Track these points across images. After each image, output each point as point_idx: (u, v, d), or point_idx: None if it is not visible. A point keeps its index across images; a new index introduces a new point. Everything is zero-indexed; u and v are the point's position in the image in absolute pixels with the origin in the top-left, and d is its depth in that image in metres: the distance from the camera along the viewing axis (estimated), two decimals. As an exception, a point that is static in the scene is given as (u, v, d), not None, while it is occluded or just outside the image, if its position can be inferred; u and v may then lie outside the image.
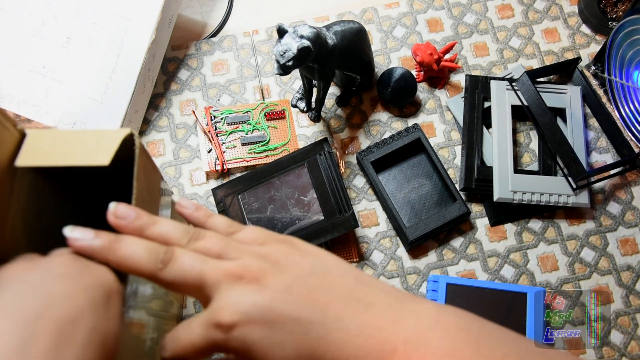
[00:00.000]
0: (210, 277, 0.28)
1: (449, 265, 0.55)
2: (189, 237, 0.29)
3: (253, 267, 0.28)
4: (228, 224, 0.32)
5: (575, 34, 0.64)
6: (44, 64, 0.55)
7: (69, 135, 0.32)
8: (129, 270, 0.28)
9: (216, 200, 0.56)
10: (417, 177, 0.58)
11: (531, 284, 0.54)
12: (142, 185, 0.34)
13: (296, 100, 0.60)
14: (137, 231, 0.29)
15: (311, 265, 0.29)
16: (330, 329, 0.27)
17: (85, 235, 0.28)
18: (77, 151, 0.31)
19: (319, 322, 0.27)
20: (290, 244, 0.30)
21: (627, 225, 0.56)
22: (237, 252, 0.29)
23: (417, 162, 0.58)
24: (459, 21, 0.64)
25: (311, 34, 0.47)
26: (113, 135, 0.32)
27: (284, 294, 0.27)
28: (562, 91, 0.59)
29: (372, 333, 0.27)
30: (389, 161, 0.58)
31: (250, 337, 0.26)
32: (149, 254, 0.28)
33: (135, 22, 0.56)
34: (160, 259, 0.28)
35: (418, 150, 0.58)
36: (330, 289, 0.28)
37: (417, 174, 0.58)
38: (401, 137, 0.57)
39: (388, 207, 0.55)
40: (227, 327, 0.27)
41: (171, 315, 0.49)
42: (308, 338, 0.27)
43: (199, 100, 0.61)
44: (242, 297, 0.27)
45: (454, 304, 0.51)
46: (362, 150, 0.57)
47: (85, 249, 0.28)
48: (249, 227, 0.32)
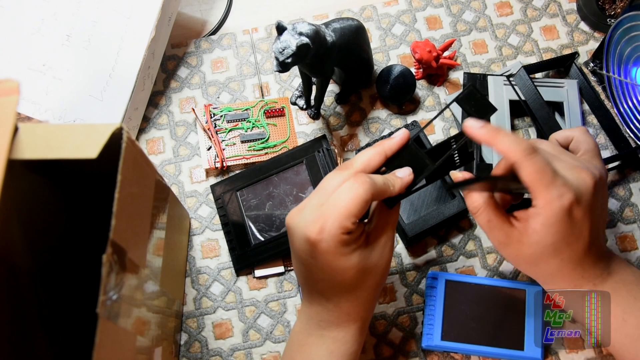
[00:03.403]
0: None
1: (448, 262, 0.55)
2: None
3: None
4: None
5: (574, 31, 0.64)
6: (43, 61, 0.55)
7: (60, 129, 0.32)
8: (501, 152, 0.40)
9: (215, 196, 0.57)
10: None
11: (530, 280, 0.54)
12: (131, 179, 0.34)
13: (295, 98, 0.60)
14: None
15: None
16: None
17: (474, 124, 0.41)
18: (67, 145, 0.32)
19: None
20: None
21: (625, 222, 0.56)
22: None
23: None
24: (457, 19, 0.64)
25: (310, 31, 0.47)
26: (102, 129, 0.32)
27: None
28: (559, 85, 0.59)
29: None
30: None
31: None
32: (517, 143, 0.39)
33: (135, 20, 0.56)
34: (525, 147, 0.39)
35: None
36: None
37: None
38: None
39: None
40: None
41: (172, 312, 0.49)
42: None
43: (198, 98, 0.61)
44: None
45: (453, 301, 0.52)
46: (361, 148, 0.57)
47: (475, 135, 0.40)
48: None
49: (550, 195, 0.38)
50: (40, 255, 0.40)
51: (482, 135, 0.40)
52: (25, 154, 0.31)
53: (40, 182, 0.39)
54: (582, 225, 0.40)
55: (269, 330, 0.53)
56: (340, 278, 0.40)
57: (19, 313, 0.38)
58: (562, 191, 0.39)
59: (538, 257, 0.41)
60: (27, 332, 0.39)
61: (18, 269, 0.38)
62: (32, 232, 0.39)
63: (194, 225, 0.57)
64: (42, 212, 0.41)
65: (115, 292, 0.31)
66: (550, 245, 0.40)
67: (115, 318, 0.32)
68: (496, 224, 0.42)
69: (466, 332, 0.51)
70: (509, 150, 0.39)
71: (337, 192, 0.39)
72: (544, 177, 0.38)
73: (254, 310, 0.54)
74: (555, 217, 0.39)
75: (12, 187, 0.31)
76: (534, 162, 0.38)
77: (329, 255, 0.39)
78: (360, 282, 0.41)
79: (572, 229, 0.40)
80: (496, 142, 0.40)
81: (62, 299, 0.43)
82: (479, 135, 0.40)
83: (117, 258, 0.31)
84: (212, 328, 0.53)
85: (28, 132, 0.32)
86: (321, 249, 0.39)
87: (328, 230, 0.38)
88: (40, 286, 0.40)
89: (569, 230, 0.39)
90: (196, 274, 0.55)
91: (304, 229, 0.39)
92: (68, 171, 0.40)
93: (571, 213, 0.39)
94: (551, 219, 0.39)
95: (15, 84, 0.32)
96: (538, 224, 0.40)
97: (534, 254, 0.41)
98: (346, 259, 0.40)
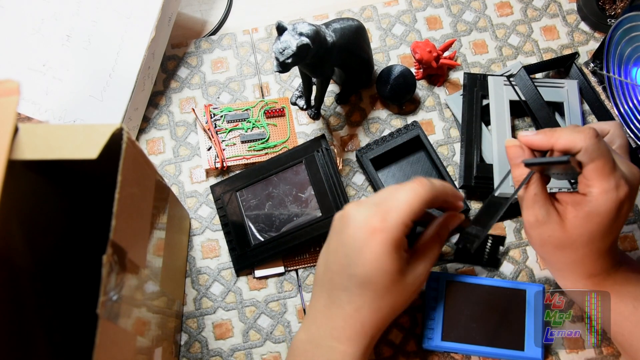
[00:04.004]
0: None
1: (448, 262, 0.55)
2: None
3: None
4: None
5: (574, 32, 0.64)
6: (43, 61, 0.55)
7: (60, 129, 0.32)
8: (564, 147, 0.40)
9: (215, 197, 0.57)
10: (416, 175, 0.58)
11: (530, 280, 0.54)
12: (131, 179, 0.34)
13: (295, 98, 0.60)
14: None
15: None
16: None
17: (526, 133, 0.42)
18: (67, 145, 0.32)
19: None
20: None
21: (626, 222, 0.56)
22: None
23: (417, 160, 0.58)
24: (457, 19, 0.64)
25: (310, 31, 0.47)
26: (103, 130, 0.32)
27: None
28: (559, 85, 0.59)
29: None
30: (389, 158, 0.58)
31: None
32: (578, 131, 0.39)
33: (135, 20, 0.56)
34: (588, 133, 0.39)
35: (417, 148, 0.58)
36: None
37: (416, 171, 0.58)
38: (400, 134, 0.57)
39: None
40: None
41: (173, 312, 0.49)
42: None
43: (198, 98, 0.61)
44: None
45: (453, 301, 0.52)
46: (361, 148, 0.57)
47: (532, 143, 0.42)
48: None
49: (609, 185, 0.38)
50: (40, 255, 0.40)
51: (539, 140, 0.41)
52: (25, 154, 0.31)
53: (41, 182, 0.39)
54: (623, 219, 0.40)
55: (269, 330, 0.53)
56: (377, 278, 0.40)
57: (19, 313, 0.38)
58: (620, 183, 0.39)
59: (569, 242, 0.41)
60: (27, 332, 0.39)
61: (18, 269, 0.38)
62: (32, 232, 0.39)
63: (194, 225, 0.57)
64: (42, 212, 0.41)
65: (116, 292, 0.31)
66: (587, 234, 0.40)
67: (115, 318, 0.32)
68: (540, 199, 0.42)
69: (466, 332, 0.51)
70: (572, 141, 0.39)
71: (399, 191, 0.41)
72: (606, 166, 0.38)
73: (254, 310, 0.54)
74: (606, 207, 0.39)
75: (12, 187, 0.31)
76: (599, 149, 0.38)
77: (383, 247, 0.39)
78: (389, 291, 0.41)
79: (615, 221, 0.40)
80: (555, 141, 0.40)
81: (62, 299, 0.43)
82: (536, 141, 0.41)
83: (117, 258, 0.31)
84: (212, 328, 0.53)
85: (28, 132, 0.32)
86: (379, 239, 0.39)
87: (390, 221, 0.39)
88: (40, 286, 0.40)
89: (611, 222, 0.40)
90: (196, 274, 0.55)
91: (365, 217, 0.40)
92: (68, 171, 0.40)
93: (622, 206, 0.39)
94: (601, 207, 0.39)
95: (16, 85, 0.32)
96: (584, 210, 0.40)
97: (568, 238, 0.41)
98: (391, 260, 0.40)
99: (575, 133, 0.39)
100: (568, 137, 0.39)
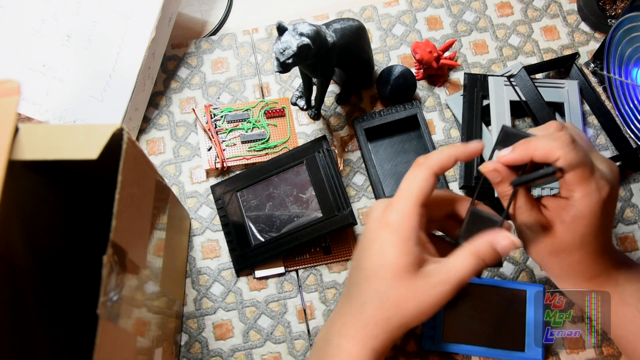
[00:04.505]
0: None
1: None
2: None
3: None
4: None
5: (575, 32, 0.64)
6: (44, 62, 0.55)
7: (60, 129, 0.32)
8: (542, 158, 0.38)
9: (215, 197, 0.57)
10: (407, 153, 0.58)
11: (531, 280, 0.54)
12: (131, 179, 0.34)
13: (296, 98, 0.60)
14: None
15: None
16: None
17: (504, 153, 0.40)
18: (67, 145, 0.32)
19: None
20: None
21: (626, 222, 0.56)
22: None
23: (409, 138, 0.59)
24: (458, 19, 0.64)
25: (311, 31, 0.47)
26: (103, 130, 0.32)
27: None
28: (559, 85, 0.59)
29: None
30: (383, 132, 0.59)
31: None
32: (553, 139, 0.38)
33: (135, 20, 0.56)
34: (564, 139, 0.38)
35: (413, 126, 0.59)
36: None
37: (406, 149, 0.59)
38: (399, 111, 0.58)
39: (371, 176, 0.57)
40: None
41: (173, 312, 0.49)
42: None
43: (198, 98, 0.61)
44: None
45: (454, 302, 0.51)
46: (358, 116, 0.58)
47: (510, 160, 0.40)
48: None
49: (590, 187, 0.38)
50: (40, 255, 0.40)
51: (519, 157, 0.39)
52: (25, 154, 0.31)
53: (41, 183, 0.39)
54: (611, 217, 0.40)
55: (270, 330, 0.53)
56: (380, 271, 0.38)
57: (19, 313, 0.38)
58: (600, 184, 0.39)
59: (562, 247, 0.41)
60: (27, 332, 0.39)
61: (18, 269, 0.38)
62: (32, 232, 0.39)
63: (194, 225, 0.57)
64: (42, 213, 0.41)
65: (116, 292, 0.31)
66: (578, 237, 0.40)
67: (115, 319, 0.32)
68: (526, 210, 0.41)
69: (467, 333, 0.51)
70: (549, 150, 0.38)
71: (402, 181, 0.40)
72: (585, 170, 0.38)
73: (255, 310, 0.54)
74: (590, 210, 0.39)
75: (13, 188, 0.31)
76: (577, 155, 0.38)
77: (389, 238, 0.38)
78: (392, 287, 0.38)
79: (603, 221, 0.40)
80: (532, 153, 0.39)
81: (62, 299, 0.43)
82: (514, 158, 0.40)
83: (117, 259, 0.31)
84: (213, 329, 0.53)
85: (28, 132, 0.32)
86: (386, 231, 0.38)
87: (395, 212, 0.38)
88: (40, 286, 0.40)
89: (599, 223, 0.39)
90: (196, 275, 0.55)
91: (380, 210, 0.40)
92: (68, 172, 0.40)
93: (606, 206, 0.39)
94: (586, 210, 0.39)
95: (16, 85, 0.32)
96: (570, 215, 0.40)
97: (560, 244, 0.41)
98: (396, 253, 0.38)
99: (550, 142, 0.38)
100: (545, 147, 0.38)
